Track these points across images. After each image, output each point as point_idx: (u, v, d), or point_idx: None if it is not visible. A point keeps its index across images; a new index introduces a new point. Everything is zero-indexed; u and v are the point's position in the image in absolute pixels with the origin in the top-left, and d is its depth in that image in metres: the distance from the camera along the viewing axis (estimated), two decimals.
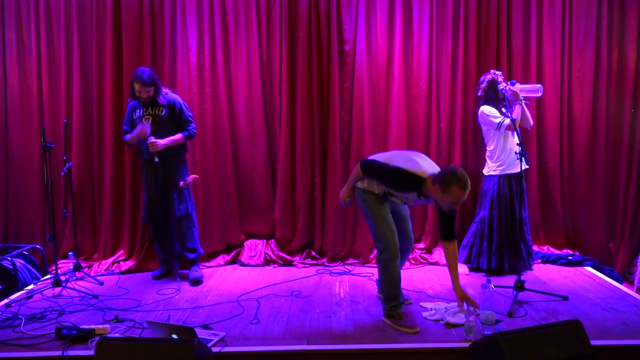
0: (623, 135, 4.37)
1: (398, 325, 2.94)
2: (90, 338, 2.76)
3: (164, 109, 3.76)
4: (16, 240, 4.34)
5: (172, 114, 3.79)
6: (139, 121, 3.74)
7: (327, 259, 4.35)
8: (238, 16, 4.29)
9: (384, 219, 2.99)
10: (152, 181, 3.83)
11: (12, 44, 4.29)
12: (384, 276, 3.03)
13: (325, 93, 4.34)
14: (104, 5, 4.21)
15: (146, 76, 3.65)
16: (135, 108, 3.82)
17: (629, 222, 4.40)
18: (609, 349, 2.67)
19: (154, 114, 3.74)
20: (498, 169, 3.92)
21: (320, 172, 4.36)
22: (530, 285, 3.48)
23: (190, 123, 3.86)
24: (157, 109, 3.76)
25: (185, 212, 3.84)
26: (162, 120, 3.74)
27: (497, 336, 2.37)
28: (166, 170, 3.80)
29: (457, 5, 4.27)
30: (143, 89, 3.66)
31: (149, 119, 3.72)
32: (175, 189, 3.80)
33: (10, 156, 4.37)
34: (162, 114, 3.75)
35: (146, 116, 3.73)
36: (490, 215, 3.91)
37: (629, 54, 4.32)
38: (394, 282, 3.00)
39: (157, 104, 3.76)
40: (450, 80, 4.32)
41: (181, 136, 3.79)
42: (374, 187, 3.04)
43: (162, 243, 3.97)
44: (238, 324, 3.04)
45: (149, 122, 3.69)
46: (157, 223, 3.90)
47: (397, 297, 3.01)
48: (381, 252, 3.00)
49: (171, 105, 3.79)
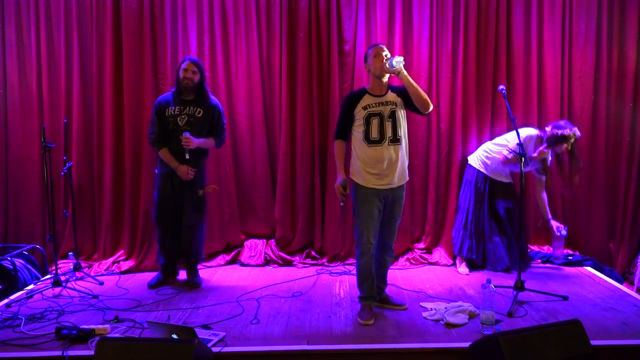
0: (623, 135, 4.38)
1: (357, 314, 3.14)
2: (90, 338, 2.76)
3: (202, 110, 3.63)
4: (16, 240, 4.34)
5: (209, 118, 3.66)
6: (172, 119, 3.58)
7: (327, 259, 4.35)
8: (238, 16, 4.29)
9: (366, 217, 3.07)
10: (169, 184, 3.67)
11: (12, 44, 4.29)
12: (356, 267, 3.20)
13: (325, 93, 4.34)
14: (104, 5, 4.21)
15: (196, 59, 3.62)
16: (167, 105, 3.62)
17: (629, 222, 4.40)
18: (609, 349, 2.67)
19: (189, 114, 3.60)
20: (482, 167, 4.04)
21: (320, 172, 4.36)
22: (530, 285, 3.48)
23: (224, 131, 3.78)
24: (195, 109, 3.61)
25: (197, 220, 3.74)
26: (196, 121, 3.61)
27: (497, 336, 2.37)
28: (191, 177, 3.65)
29: (457, 5, 4.27)
30: (191, 68, 3.55)
31: (185, 118, 3.58)
32: (192, 195, 3.68)
33: (10, 156, 4.36)
34: (199, 115, 3.62)
35: (182, 115, 3.59)
36: (468, 209, 4.09)
37: (629, 54, 4.32)
38: (362, 276, 3.14)
39: (198, 102, 3.62)
40: (450, 80, 4.32)
41: (212, 140, 3.70)
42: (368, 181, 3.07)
43: (167, 248, 3.78)
44: (238, 324, 3.04)
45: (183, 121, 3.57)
46: (167, 227, 3.73)
47: (362, 290, 3.16)
48: (357, 246, 3.16)
49: (211, 108, 3.67)
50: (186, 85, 3.58)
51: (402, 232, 4.34)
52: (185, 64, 3.59)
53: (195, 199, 3.71)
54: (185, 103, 3.63)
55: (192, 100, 3.64)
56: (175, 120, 3.60)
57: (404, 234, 4.37)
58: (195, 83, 3.60)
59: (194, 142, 3.54)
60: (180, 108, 3.61)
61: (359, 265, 3.13)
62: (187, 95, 3.64)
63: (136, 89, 4.21)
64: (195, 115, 3.62)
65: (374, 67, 3.04)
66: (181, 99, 3.63)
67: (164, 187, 3.69)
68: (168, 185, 3.68)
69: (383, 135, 3.02)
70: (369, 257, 3.09)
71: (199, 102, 3.65)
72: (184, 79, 3.57)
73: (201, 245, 3.88)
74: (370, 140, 3.04)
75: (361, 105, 3.06)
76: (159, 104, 3.67)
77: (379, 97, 3.07)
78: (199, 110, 3.64)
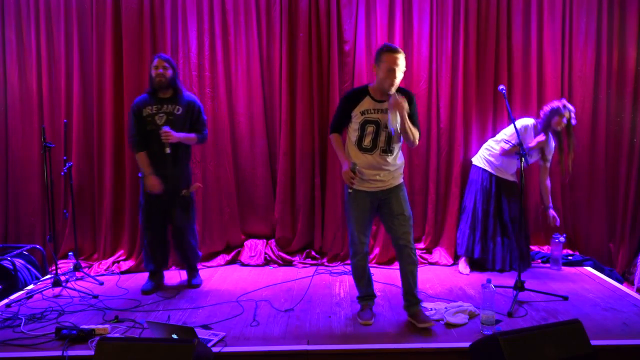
0: (623, 135, 4.38)
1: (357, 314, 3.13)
2: (90, 338, 2.76)
3: (180, 108, 3.56)
4: (16, 240, 4.34)
5: (190, 115, 3.59)
6: (150, 118, 3.50)
7: (327, 259, 4.35)
8: (238, 16, 4.29)
9: (356, 217, 3.02)
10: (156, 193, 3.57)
11: (12, 44, 4.29)
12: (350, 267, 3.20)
13: (325, 93, 4.34)
14: (104, 5, 4.21)
15: (166, 55, 3.57)
16: (144, 105, 3.54)
17: (629, 222, 4.40)
18: (609, 349, 2.67)
19: (168, 112, 3.53)
20: (487, 166, 4.02)
21: (320, 172, 4.36)
22: (530, 285, 3.48)
23: (205, 127, 3.69)
24: (173, 107, 3.54)
25: (189, 220, 3.71)
26: (176, 119, 3.53)
27: (497, 336, 2.36)
28: (171, 180, 3.59)
29: (457, 5, 4.27)
30: (161, 64, 3.49)
31: (163, 116, 3.52)
32: (180, 196, 3.63)
33: (10, 156, 4.37)
34: (178, 113, 3.54)
35: (160, 114, 3.51)
36: (475, 208, 4.06)
37: (629, 54, 4.32)
38: (356, 275, 3.15)
39: (174, 100, 3.56)
40: (450, 80, 4.32)
41: (194, 135, 3.61)
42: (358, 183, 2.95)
43: (155, 252, 3.72)
44: (238, 324, 3.04)
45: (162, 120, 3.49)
46: (156, 230, 3.67)
47: (358, 289, 3.17)
48: (349, 246, 3.13)
49: (190, 104, 3.60)
50: (159, 82, 3.50)
51: None
52: (156, 61, 3.52)
53: (182, 199, 3.65)
54: (163, 101, 3.54)
55: (169, 98, 3.56)
56: (153, 120, 3.51)
57: None
58: (168, 79, 3.52)
59: (174, 135, 3.45)
60: (158, 107, 3.53)
61: (352, 265, 3.12)
62: (163, 93, 3.56)
63: (136, 88, 4.20)
64: (175, 113, 3.54)
65: (381, 80, 2.85)
66: (158, 98, 3.55)
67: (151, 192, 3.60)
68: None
69: (375, 145, 2.93)
70: (361, 256, 3.07)
71: (177, 100, 3.57)
72: (156, 76, 3.49)
73: (196, 245, 3.84)
74: (362, 147, 2.95)
75: (359, 109, 2.92)
76: (135, 105, 3.58)
77: (380, 102, 2.91)
78: (178, 108, 3.56)
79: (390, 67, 2.78)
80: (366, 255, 3.12)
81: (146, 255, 3.76)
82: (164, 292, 3.65)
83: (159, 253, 3.74)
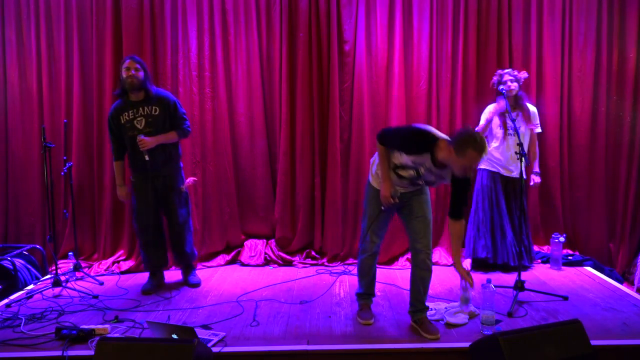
0: (623, 135, 4.37)
1: (357, 314, 3.14)
2: (90, 338, 2.76)
3: (157, 108, 3.50)
4: (16, 240, 4.34)
5: (167, 112, 3.53)
6: (129, 124, 3.47)
7: (327, 259, 4.35)
8: (238, 16, 4.29)
9: (372, 215, 2.98)
10: (147, 189, 3.57)
11: (12, 44, 4.29)
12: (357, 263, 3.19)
13: (325, 93, 4.34)
14: (104, 5, 4.21)
15: (137, 57, 3.52)
16: (121, 112, 3.49)
17: (629, 222, 4.40)
18: (609, 349, 2.67)
19: (146, 114, 3.48)
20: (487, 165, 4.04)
21: (320, 172, 4.36)
22: (530, 285, 3.48)
23: (185, 120, 3.62)
24: (149, 108, 3.49)
25: (186, 217, 3.72)
26: (156, 120, 3.49)
27: (497, 336, 2.37)
28: (165, 179, 3.60)
29: (457, 5, 4.27)
30: (133, 65, 3.42)
31: (142, 120, 3.46)
32: (176, 193, 3.63)
33: (10, 156, 4.37)
34: (156, 113, 3.49)
35: (138, 117, 3.46)
36: (476, 208, 4.08)
37: (629, 54, 4.32)
38: (361, 271, 3.14)
39: (149, 101, 3.49)
40: (450, 80, 4.32)
41: (173, 133, 3.56)
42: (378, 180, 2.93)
43: (152, 254, 3.71)
44: (238, 324, 3.04)
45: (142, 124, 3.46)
46: (151, 232, 3.63)
47: (361, 285, 3.17)
48: (360, 242, 3.12)
49: (164, 102, 3.53)
50: (131, 84, 3.44)
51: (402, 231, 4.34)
52: (127, 63, 3.47)
53: (179, 196, 3.66)
54: (138, 104, 3.50)
55: (143, 100, 3.52)
56: (133, 125, 3.48)
57: (403, 234, 4.36)
58: (140, 80, 3.45)
59: (150, 142, 3.43)
60: (134, 111, 3.48)
61: (360, 260, 3.10)
62: (135, 95, 3.50)
63: None
64: (153, 114, 3.50)
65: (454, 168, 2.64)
66: (132, 102, 3.50)
67: (144, 193, 3.58)
68: (149, 190, 3.57)
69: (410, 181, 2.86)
70: (370, 254, 3.05)
71: (151, 101, 3.53)
72: (127, 77, 3.43)
73: (193, 243, 3.85)
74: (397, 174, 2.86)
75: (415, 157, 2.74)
76: (110, 116, 3.54)
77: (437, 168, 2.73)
78: (155, 108, 3.51)
79: (469, 165, 2.59)
80: (375, 255, 3.08)
81: (144, 257, 3.76)
82: (164, 292, 3.64)
83: (156, 254, 3.73)
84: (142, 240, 3.70)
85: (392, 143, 2.82)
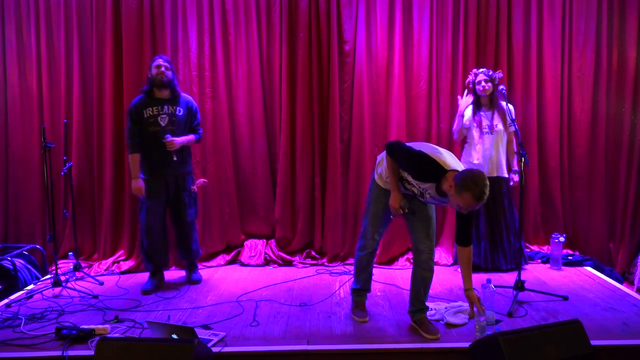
0: (623, 135, 4.37)
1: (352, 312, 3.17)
2: (90, 338, 2.76)
3: (182, 109, 3.63)
4: (16, 240, 4.34)
5: (189, 115, 3.69)
6: (152, 120, 3.53)
7: (327, 259, 4.35)
8: (238, 16, 4.29)
9: (374, 214, 3.01)
10: (159, 189, 3.62)
11: (12, 44, 4.29)
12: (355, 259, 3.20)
13: (325, 93, 4.34)
14: (104, 5, 4.21)
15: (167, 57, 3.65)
16: (144, 106, 3.55)
17: (629, 222, 4.40)
18: (609, 349, 2.67)
19: (169, 113, 3.58)
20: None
21: (320, 172, 4.36)
22: (530, 285, 3.48)
23: (200, 127, 3.81)
24: (174, 108, 3.60)
25: (195, 216, 3.81)
26: (179, 121, 3.61)
27: (497, 336, 2.37)
28: (178, 179, 3.67)
29: (457, 5, 4.28)
30: (164, 64, 3.55)
31: (165, 117, 3.56)
32: (187, 193, 3.71)
33: (10, 156, 4.36)
34: (180, 114, 3.61)
35: (162, 115, 3.55)
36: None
37: (629, 54, 4.32)
38: (359, 267, 3.15)
39: (174, 101, 3.61)
40: (450, 80, 4.32)
41: (193, 137, 3.71)
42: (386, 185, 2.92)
43: (156, 254, 3.72)
44: (238, 324, 3.04)
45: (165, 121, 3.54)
46: (157, 230, 3.68)
47: (357, 281, 3.18)
48: (359, 238, 3.12)
49: (189, 106, 3.70)
50: (160, 80, 3.53)
51: (402, 232, 4.35)
52: (157, 61, 3.57)
53: (189, 196, 3.74)
54: (162, 102, 3.58)
55: (169, 99, 3.60)
56: (156, 121, 3.54)
57: (403, 234, 4.37)
58: (169, 79, 3.56)
59: (178, 143, 3.55)
60: (159, 108, 3.56)
61: (358, 256, 3.11)
62: (160, 93, 3.58)
63: (136, 89, 4.19)
64: (177, 114, 3.60)
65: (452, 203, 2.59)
66: (156, 99, 3.58)
67: (156, 192, 3.63)
68: (161, 189, 3.64)
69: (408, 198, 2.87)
70: (369, 252, 3.06)
71: (176, 101, 3.62)
72: (158, 74, 3.53)
73: (198, 241, 3.93)
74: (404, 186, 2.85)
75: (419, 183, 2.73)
76: (134, 107, 3.58)
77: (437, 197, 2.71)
78: (179, 109, 3.62)
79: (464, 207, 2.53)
80: (373, 253, 3.10)
81: (146, 256, 3.75)
82: (164, 291, 3.64)
83: (159, 253, 3.75)
84: (147, 238, 3.70)
85: (399, 161, 2.77)
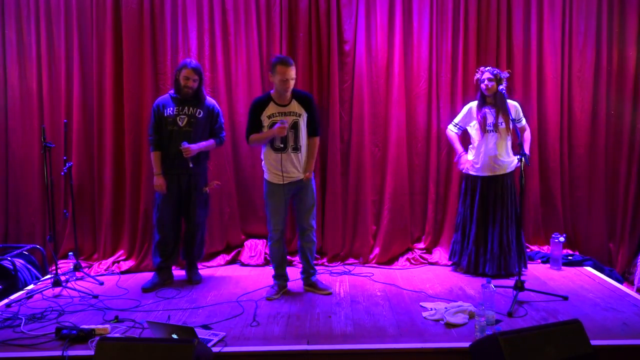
0: (623, 135, 4.38)
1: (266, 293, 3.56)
2: (90, 338, 2.76)
3: (202, 111, 3.67)
4: (16, 240, 4.34)
5: (210, 118, 3.72)
6: (171, 119, 3.60)
7: (327, 259, 4.35)
8: (238, 16, 4.29)
9: (273, 208, 3.49)
10: (172, 187, 3.67)
11: (12, 44, 4.29)
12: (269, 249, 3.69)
13: (325, 93, 4.34)
14: (104, 5, 4.21)
15: (195, 63, 3.64)
16: (164, 107, 3.64)
17: (629, 222, 4.40)
18: (609, 349, 2.67)
19: (189, 114, 3.63)
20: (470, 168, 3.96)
21: (320, 172, 4.36)
22: (530, 285, 3.48)
23: (223, 130, 3.82)
24: (194, 109, 3.65)
25: (203, 218, 3.83)
26: (197, 122, 3.64)
27: (497, 336, 2.37)
28: (191, 178, 3.70)
29: (457, 5, 4.28)
30: (192, 76, 3.57)
31: (185, 118, 3.61)
32: (199, 193, 3.74)
33: (10, 156, 4.37)
34: (200, 116, 3.65)
35: (181, 115, 3.61)
36: (464, 215, 4.00)
37: (629, 54, 4.32)
38: (273, 257, 3.61)
39: (196, 103, 3.65)
40: (450, 80, 4.32)
41: (212, 142, 3.74)
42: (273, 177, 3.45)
43: (166, 249, 3.77)
44: (238, 324, 3.04)
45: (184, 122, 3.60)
46: (170, 227, 3.74)
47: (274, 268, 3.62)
48: (268, 232, 3.57)
49: (210, 109, 3.72)
50: (186, 94, 3.63)
51: (402, 232, 4.36)
52: (186, 72, 3.58)
53: (201, 196, 3.76)
54: (184, 103, 3.66)
55: (190, 100, 3.66)
56: (175, 121, 3.62)
57: (404, 234, 4.38)
58: (194, 90, 3.64)
59: (194, 150, 3.58)
60: (179, 108, 3.64)
61: (270, 248, 3.59)
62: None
63: (136, 89, 4.22)
64: (196, 116, 3.65)
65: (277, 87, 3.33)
66: (179, 99, 3.66)
67: (169, 191, 3.68)
68: (174, 188, 3.69)
69: (286, 144, 3.39)
70: (278, 242, 3.54)
71: (198, 103, 3.67)
72: (184, 87, 3.61)
73: (205, 242, 3.96)
74: (275, 147, 3.41)
75: (266, 113, 3.38)
76: (157, 105, 3.69)
77: (283, 106, 3.39)
78: (199, 111, 3.67)
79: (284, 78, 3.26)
80: (282, 240, 3.58)
81: (155, 248, 3.79)
82: (164, 291, 3.65)
83: (170, 249, 3.80)
84: (160, 234, 3.74)
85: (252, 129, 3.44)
